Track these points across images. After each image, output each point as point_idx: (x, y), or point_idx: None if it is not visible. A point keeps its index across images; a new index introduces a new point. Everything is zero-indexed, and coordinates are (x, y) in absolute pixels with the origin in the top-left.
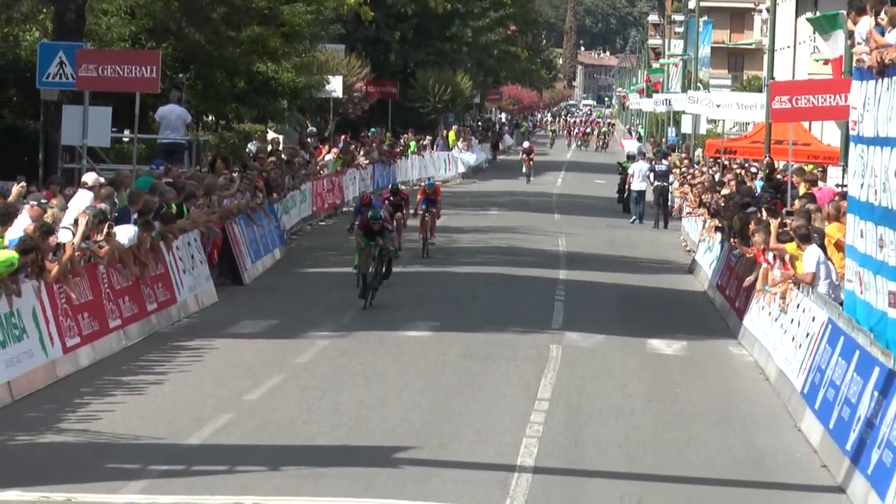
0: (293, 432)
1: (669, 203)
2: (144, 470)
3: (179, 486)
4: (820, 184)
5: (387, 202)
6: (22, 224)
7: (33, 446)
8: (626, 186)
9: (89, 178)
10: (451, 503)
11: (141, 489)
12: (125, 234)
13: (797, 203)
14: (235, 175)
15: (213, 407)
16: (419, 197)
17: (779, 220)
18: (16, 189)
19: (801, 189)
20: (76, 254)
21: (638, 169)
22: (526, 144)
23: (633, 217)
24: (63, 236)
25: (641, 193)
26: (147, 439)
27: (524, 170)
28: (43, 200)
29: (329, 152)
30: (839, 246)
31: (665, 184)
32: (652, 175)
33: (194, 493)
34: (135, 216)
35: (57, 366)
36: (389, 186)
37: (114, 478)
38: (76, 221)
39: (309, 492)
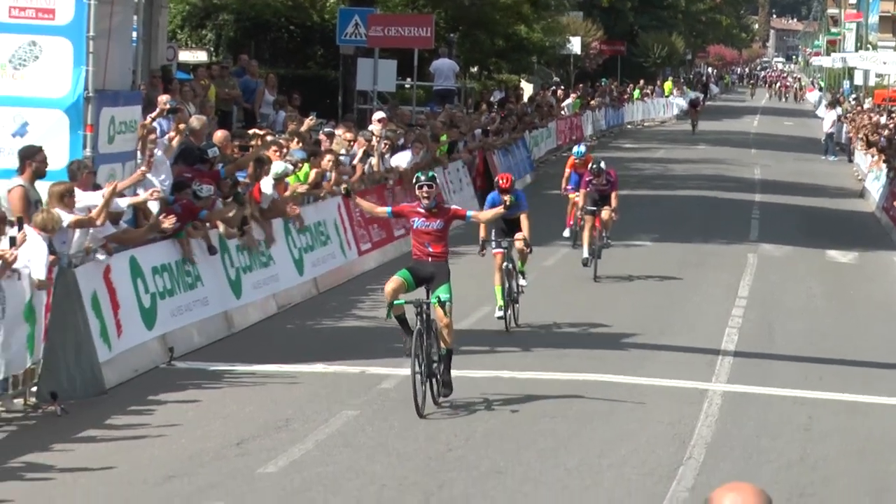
0: (541, 320)
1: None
2: None
3: (452, 363)
4: None
5: (590, 186)
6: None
7: (334, 329)
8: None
9: (377, 115)
10: (668, 378)
11: None
12: (404, 158)
13: None
14: (495, 115)
15: (475, 299)
16: (567, 171)
17: None
18: (307, 122)
19: None
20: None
21: (828, 116)
22: (692, 96)
23: (828, 155)
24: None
25: (830, 136)
26: None
27: (691, 120)
28: (328, 129)
29: (569, 97)
30: None
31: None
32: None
33: (464, 368)
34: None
35: (353, 265)
36: (591, 166)
37: (397, 355)
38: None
39: (553, 368)
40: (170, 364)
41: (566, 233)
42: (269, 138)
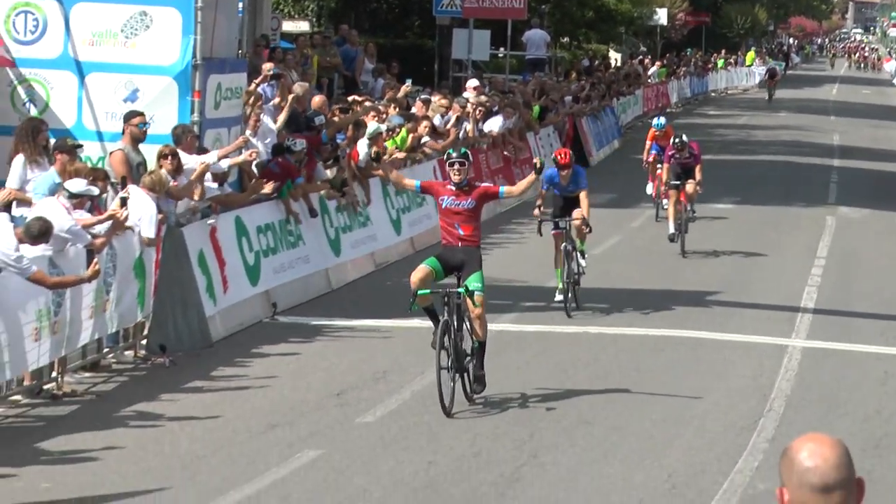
0: (627, 280)
1: None
2: (516, 305)
3: (540, 318)
4: None
5: (672, 160)
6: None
7: None
8: None
9: (472, 83)
10: (749, 334)
11: (511, 319)
12: (496, 123)
13: None
14: (584, 83)
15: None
16: (648, 143)
17: None
18: (404, 88)
19: None
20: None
21: None
22: (770, 65)
23: None
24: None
25: None
26: (517, 282)
27: (768, 89)
28: (424, 96)
29: (654, 66)
30: None
31: None
32: None
33: (552, 324)
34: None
35: None
36: (673, 140)
37: (493, 311)
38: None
39: (638, 324)
40: (273, 318)
41: (649, 188)
42: (367, 104)
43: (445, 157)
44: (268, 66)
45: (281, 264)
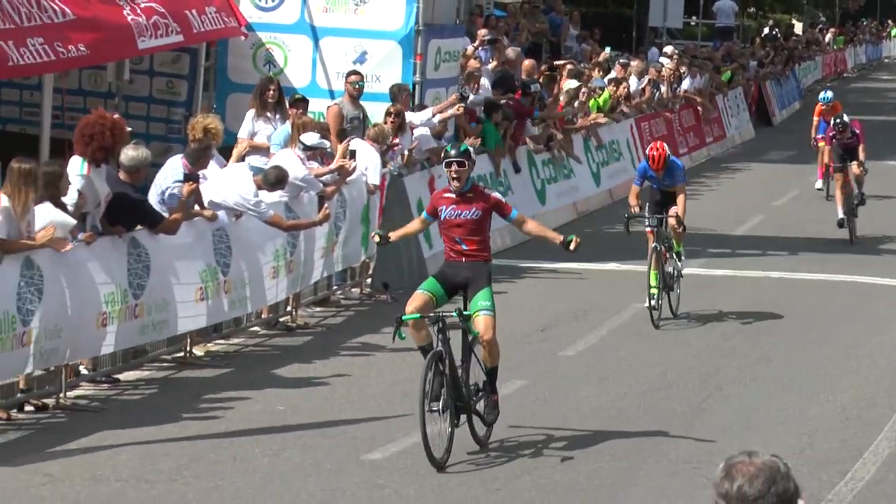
0: (801, 229)
1: None
2: (703, 251)
3: (726, 263)
4: None
5: (833, 140)
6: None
7: (618, 234)
8: None
9: (668, 49)
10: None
11: (700, 264)
12: (686, 84)
13: None
14: (768, 49)
15: (748, 210)
16: (815, 119)
17: None
18: (604, 54)
19: None
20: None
21: None
22: None
23: None
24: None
25: None
26: (703, 230)
27: None
28: (623, 60)
29: (829, 33)
30: None
31: None
32: None
33: (736, 269)
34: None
35: None
36: (833, 120)
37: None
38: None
39: (816, 270)
40: None
41: (818, 184)
42: (570, 67)
43: (443, 154)
44: (483, 32)
45: None
